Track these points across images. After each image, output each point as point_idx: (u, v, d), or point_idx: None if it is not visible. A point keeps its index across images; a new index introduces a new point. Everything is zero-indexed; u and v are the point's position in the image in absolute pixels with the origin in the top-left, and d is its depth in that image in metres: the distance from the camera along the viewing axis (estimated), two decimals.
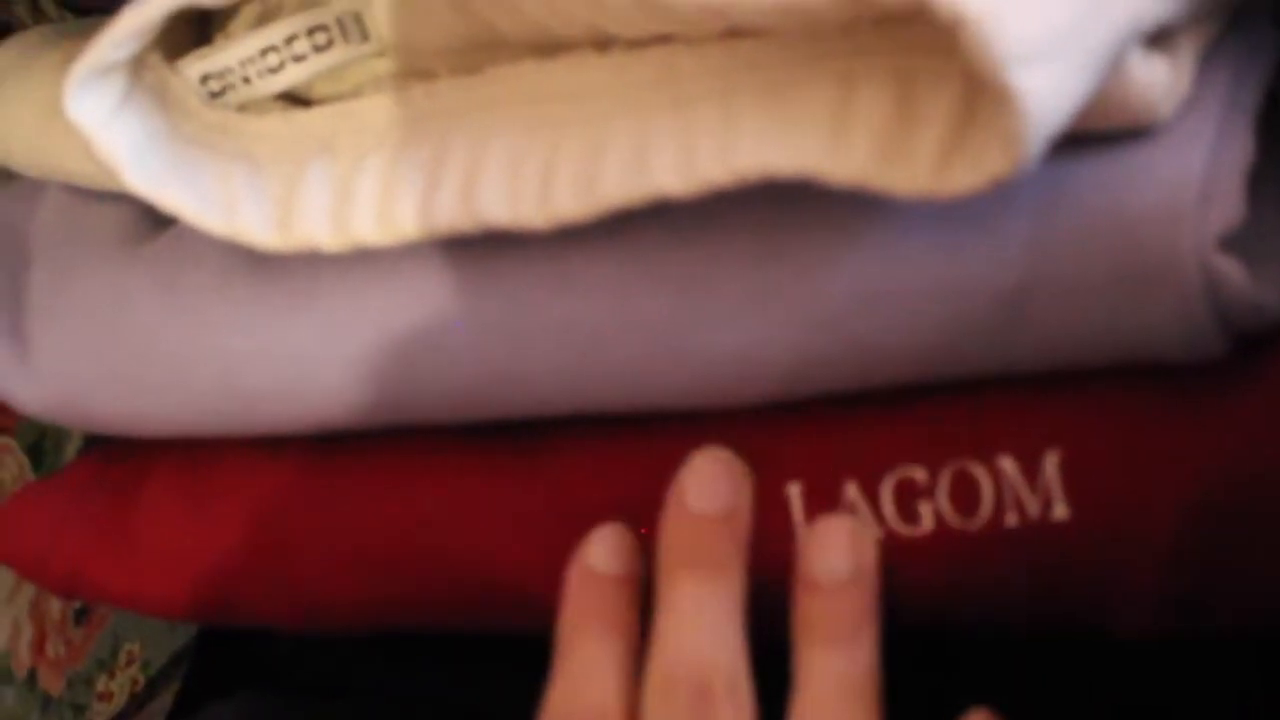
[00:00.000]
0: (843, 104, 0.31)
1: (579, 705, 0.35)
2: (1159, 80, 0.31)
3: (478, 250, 0.36)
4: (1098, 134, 0.31)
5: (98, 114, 0.36)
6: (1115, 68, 0.30)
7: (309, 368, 0.38)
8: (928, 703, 0.33)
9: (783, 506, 0.36)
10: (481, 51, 0.36)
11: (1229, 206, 0.31)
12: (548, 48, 0.35)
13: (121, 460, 0.44)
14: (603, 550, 0.37)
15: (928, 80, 0.31)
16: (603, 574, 0.36)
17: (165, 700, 0.54)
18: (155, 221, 0.41)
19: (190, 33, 0.39)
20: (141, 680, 0.54)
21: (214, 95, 0.38)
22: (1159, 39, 0.31)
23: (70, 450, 0.56)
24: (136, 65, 0.37)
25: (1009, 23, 0.27)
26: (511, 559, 0.38)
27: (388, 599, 0.40)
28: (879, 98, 0.31)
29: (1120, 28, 0.29)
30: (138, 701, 0.54)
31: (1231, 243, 0.31)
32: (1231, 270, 0.31)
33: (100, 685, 0.53)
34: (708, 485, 0.36)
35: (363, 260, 0.37)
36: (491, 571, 0.39)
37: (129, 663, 0.53)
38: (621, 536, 0.37)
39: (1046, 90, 0.28)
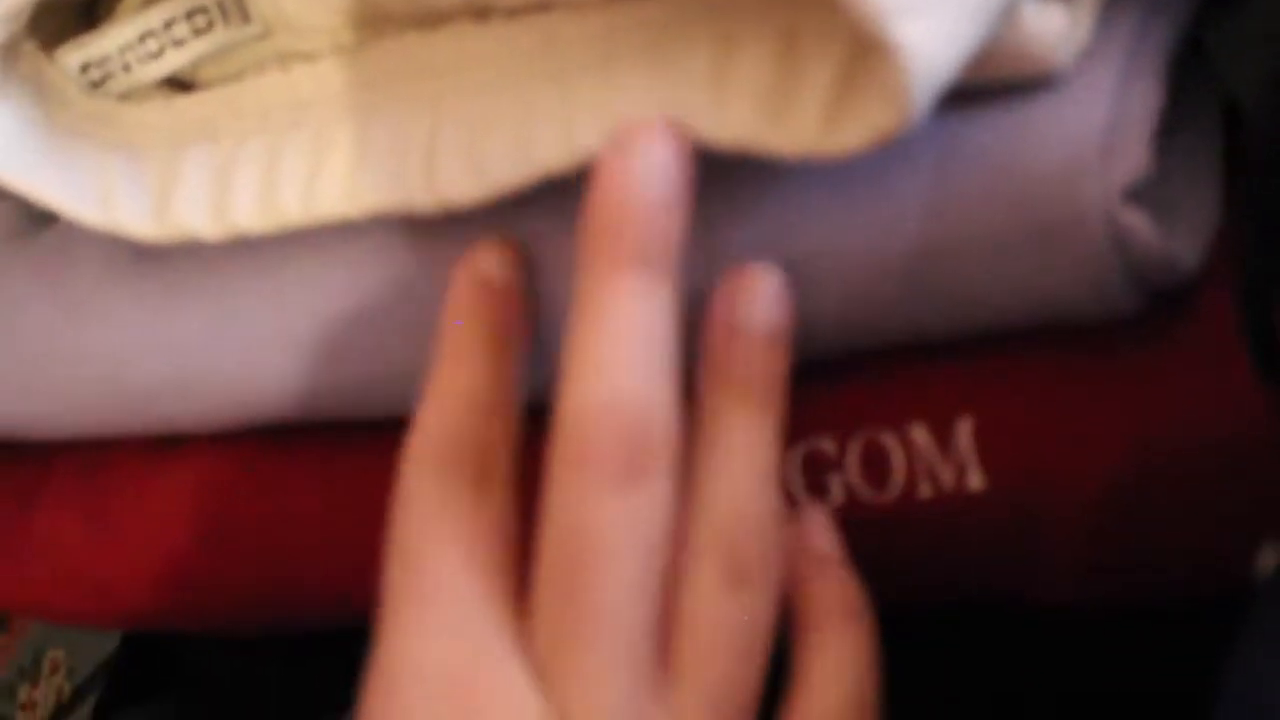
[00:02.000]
0: (722, 64, 0.30)
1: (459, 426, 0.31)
2: (1055, 28, 0.30)
3: (373, 235, 0.35)
4: (994, 86, 0.30)
5: None
6: (1007, 16, 0.29)
7: (197, 363, 0.37)
8: None
9: None
10: (365, 27, 0.35)
11: (1134, 157, 0.30)
12: (429, 19, 0.34)
13: (18, 463, 0.43)
14: (493, 259, 0.32)
15: (812, 37, 0.30)
16: (494, 281, 0.32)
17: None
18: (39, 217, 0.40)
19: (75, 19, 0.38)
20: (67, 689, 0.52)
21: (95, 84, 0.37)
22: None
23: None
24: (8, 54, 0.35)
25: None
26: None
27: (288, 597, 0.39)
28: (760, 57, 0.30)
29: None
30: (64, 711, 0.52)
31: (1139, 195, 0.30)
32: (1139, 223, 0.29)
33: (23, 695, 0.52)
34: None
35: (248, 249, 0.36)
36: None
37: (53, 671, 0.52)
38: (509, 246, 0.33)
39: (930, 41, 0.27)
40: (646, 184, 0.30)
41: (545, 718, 0.29)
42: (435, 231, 0.34)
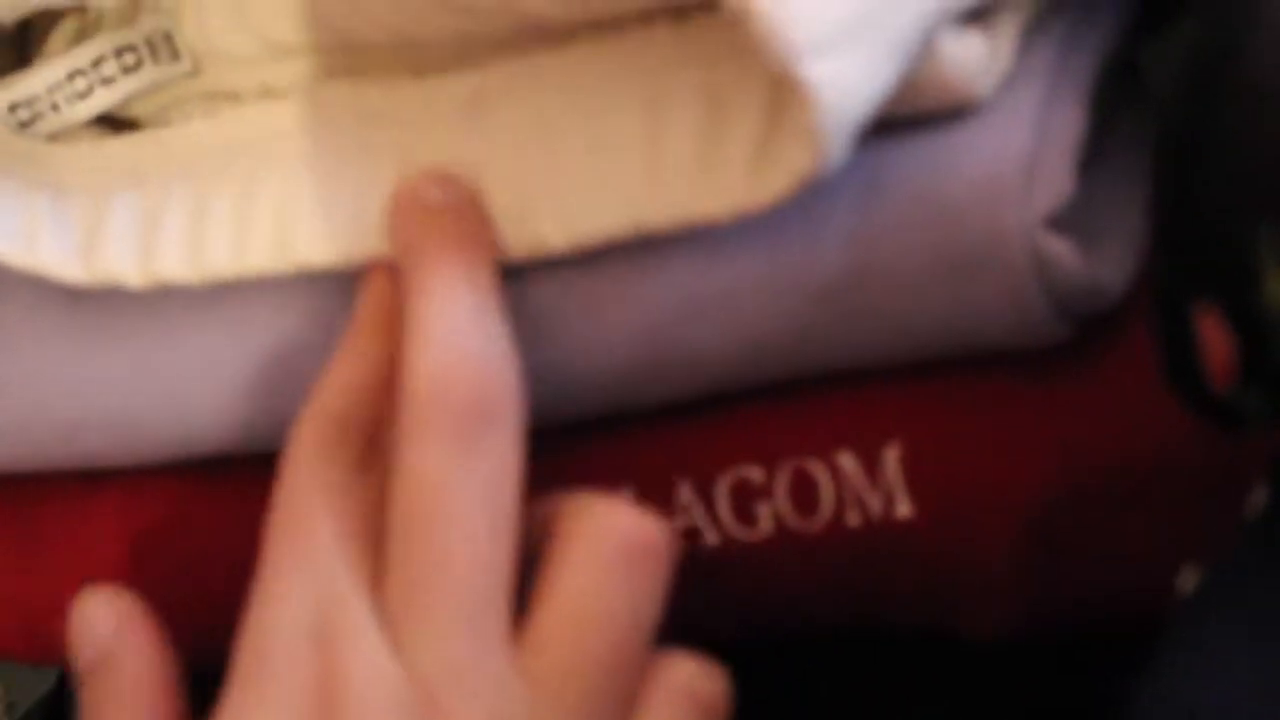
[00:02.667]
0: (653, 138, 0.31)
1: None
2: (975, 57, 0.30)
3: (303, 286, 0.35)
4: (915, 116, 0.30)
5: None
6: (925, 49, 0.29)
7: (124, 398, 0.36)
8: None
9: None
10: (291, 65, 0.35)
11: (1057, 183, 0.30)
12: (360, 67, 0.34)
13: None
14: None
15: (734, 90, 0.30)
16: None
17: None
18: None
19: (3, 56, 0.38)
20: None
21: (23, 125, 0.37)
22: (975, 14, 0.30)
23: None
24: None
25: (799, 8, 0.26)
26: None
27: (219, 631, 0.38)
28: (687, 121, 0.30)
29: (925, 9, 0.28)
30: None
31: (1062, 221, 0.30)
32: (1062, 250, 0.30)
33: None
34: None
35: (174, 293, 0.35)
36: None
37: None
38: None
39: (845, 79, 0.27)
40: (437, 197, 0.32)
41: (397, 675, 0.30)
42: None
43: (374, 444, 0.32)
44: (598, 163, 0.31)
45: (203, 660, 0.38)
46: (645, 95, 0.31)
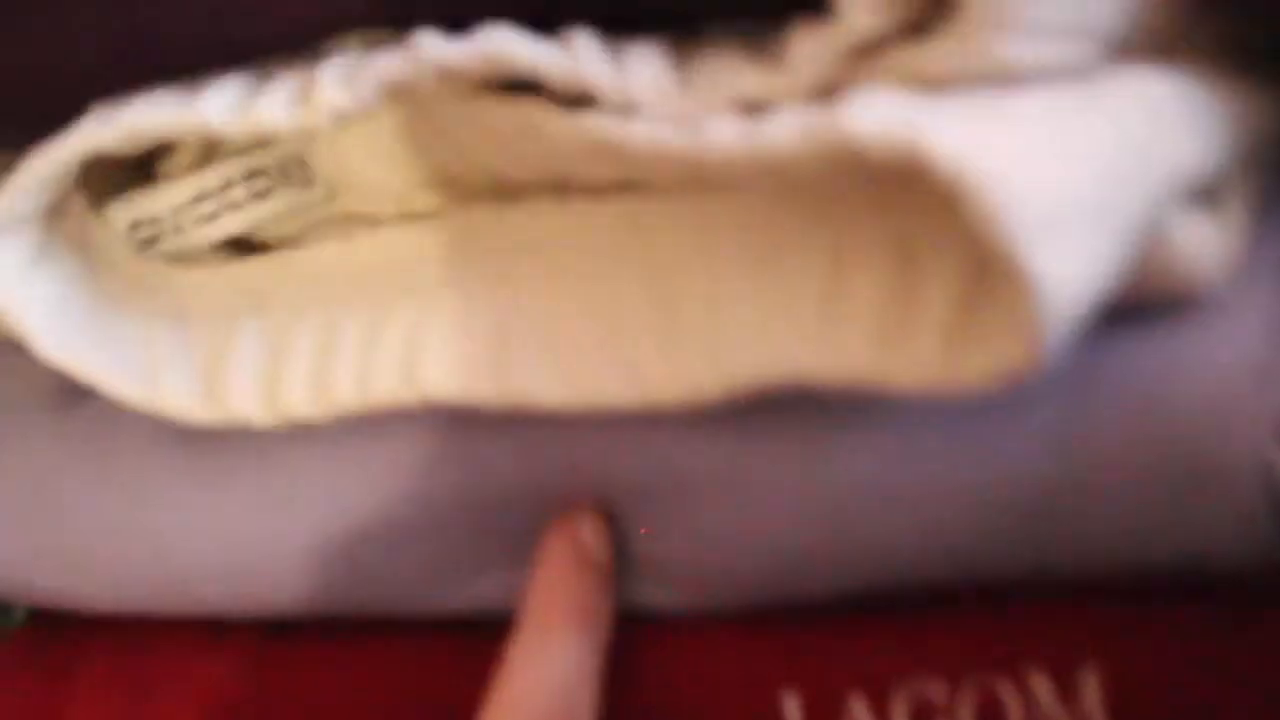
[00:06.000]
0: (834, 285, 0.27)
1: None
2: (1205, 243, 0.26)
3: (436, 423, 0.32)
4: (1135, 307, 0.27)
5: (7, 272, 0.32)
6: (1153, 232, 0.25)
7: (245, 549, 0.34)
8: None
9: (777, 718, 0.31)
10: (436, 194, 0.32)
11: None
12: (505, 192, 0.31)
13: (58, 638, 0.40)
14: (588, 528, 0.32)
15: (927, 246, 0.26)
16: (589, 553, 0.31)
17: None
18: (81, 385, 0.37)
19: (128, 174, 0.35)
20: None
21: (143, 244, 0.34)
22: (1204, 195, 0.26)
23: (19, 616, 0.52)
24: (54, 213, 0.33)
25: (1021, 184, 0.23)
26: None
27: None
28: (874, 276, 0.27)
29: (1155, 185, 0.24)
30: None
31: None
32: None
33: None
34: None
35: (304, 431, 0.33)
36: None
37: None
38: (602, 522, 0.32)
39: (1068, 267, 0.23)
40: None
41: None
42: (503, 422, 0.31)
43: None
44: (766, 306, 0.28)
45: None
46: (828, 240, 0.28)
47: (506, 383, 0.29)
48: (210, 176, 0.34)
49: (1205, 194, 0.26)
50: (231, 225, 0.34)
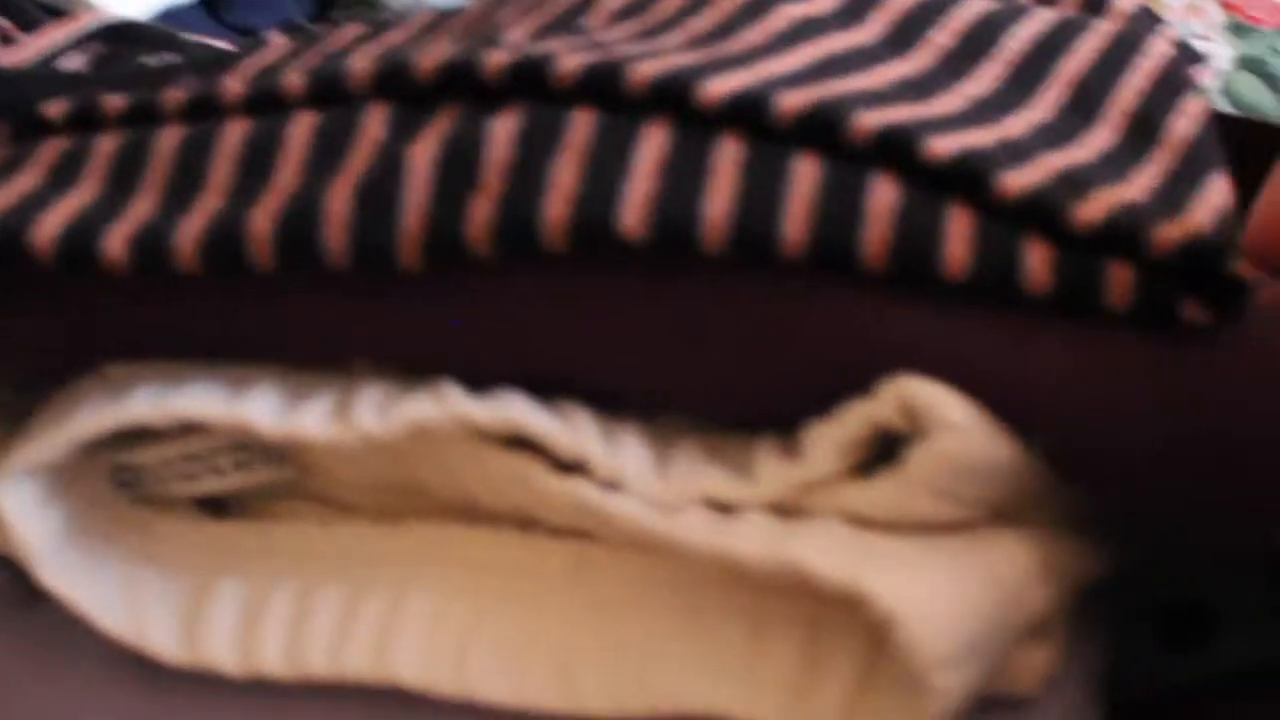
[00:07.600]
0: (753, 645, 0.34)
1: None
2: (1034, 662, 0.35)
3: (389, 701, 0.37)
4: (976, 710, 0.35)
5: (26, 509, 0.36)
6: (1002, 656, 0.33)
7: None
8: None
9: None
10: (405, 497, 0.38)
11: None
12: (471, 514, 0.37)
13: None
14: None
15: (833, 632, 0.34)
16: None
17: None
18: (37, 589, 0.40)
19: None
20: None
21: (125, 486, 0.39)
22: (1038, 626, 0.35)
23: None
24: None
25: (938, 628, 0.31)
26: None
27: None
28: (787, 644, 0.34)
29: (1013, 628, 0.33)
30: None
31: None
32: None
33: None
34: None
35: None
36: None
37: None
38: None
39: (958, 688, 0.31)
40: None
41: None
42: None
43: None
44: (693, 652, 0.34)
45: None
46: (749, 606, 0.35)
47: (463, 683, 0.35)
48: (197, 443, 0.38)
49: (1039, 625, 0.35)
50: (210, 487, 0.39)
